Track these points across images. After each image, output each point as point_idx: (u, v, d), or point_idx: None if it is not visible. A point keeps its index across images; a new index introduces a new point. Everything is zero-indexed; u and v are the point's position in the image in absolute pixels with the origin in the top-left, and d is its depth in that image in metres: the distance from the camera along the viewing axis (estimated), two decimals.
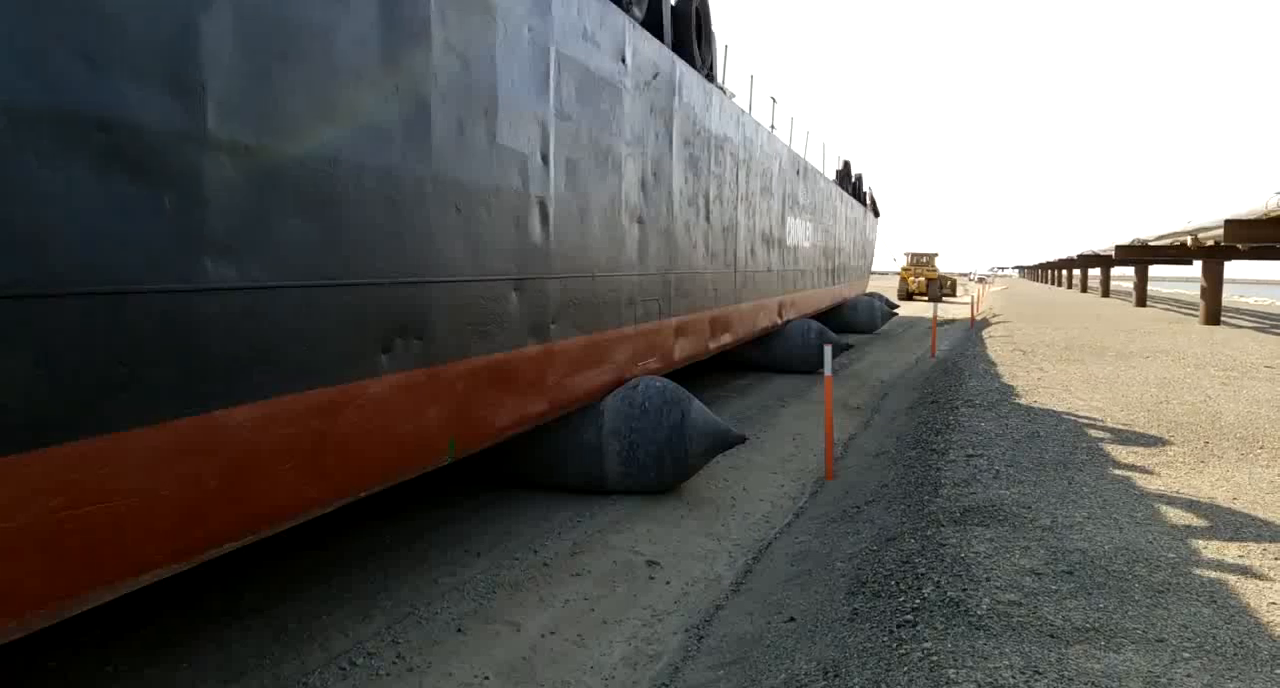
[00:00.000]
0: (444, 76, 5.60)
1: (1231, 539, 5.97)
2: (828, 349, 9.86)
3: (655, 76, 9.83)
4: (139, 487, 3.67)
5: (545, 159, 7.07)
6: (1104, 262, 45.84)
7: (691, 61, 11.55)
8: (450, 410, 5.87)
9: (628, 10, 9.13)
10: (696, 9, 12.00)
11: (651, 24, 10.19)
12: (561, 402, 7.61)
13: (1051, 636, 4.37)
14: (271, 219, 4.28)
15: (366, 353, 5.01)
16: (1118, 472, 7.76)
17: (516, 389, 6.81)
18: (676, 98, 10.63)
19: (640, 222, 9.42)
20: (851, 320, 27.09)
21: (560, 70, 7.31)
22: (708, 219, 12.24)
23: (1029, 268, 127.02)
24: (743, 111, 14.56)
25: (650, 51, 9.69)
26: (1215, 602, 4.86)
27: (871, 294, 32.80)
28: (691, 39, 11.75)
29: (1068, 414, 10.52)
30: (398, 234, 5.22)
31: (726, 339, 13.52)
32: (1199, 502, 6.88)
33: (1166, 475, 7.70)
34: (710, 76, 12.69)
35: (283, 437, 4.40)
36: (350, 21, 4.74)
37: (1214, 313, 26.46)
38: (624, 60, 8.84)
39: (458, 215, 5.82)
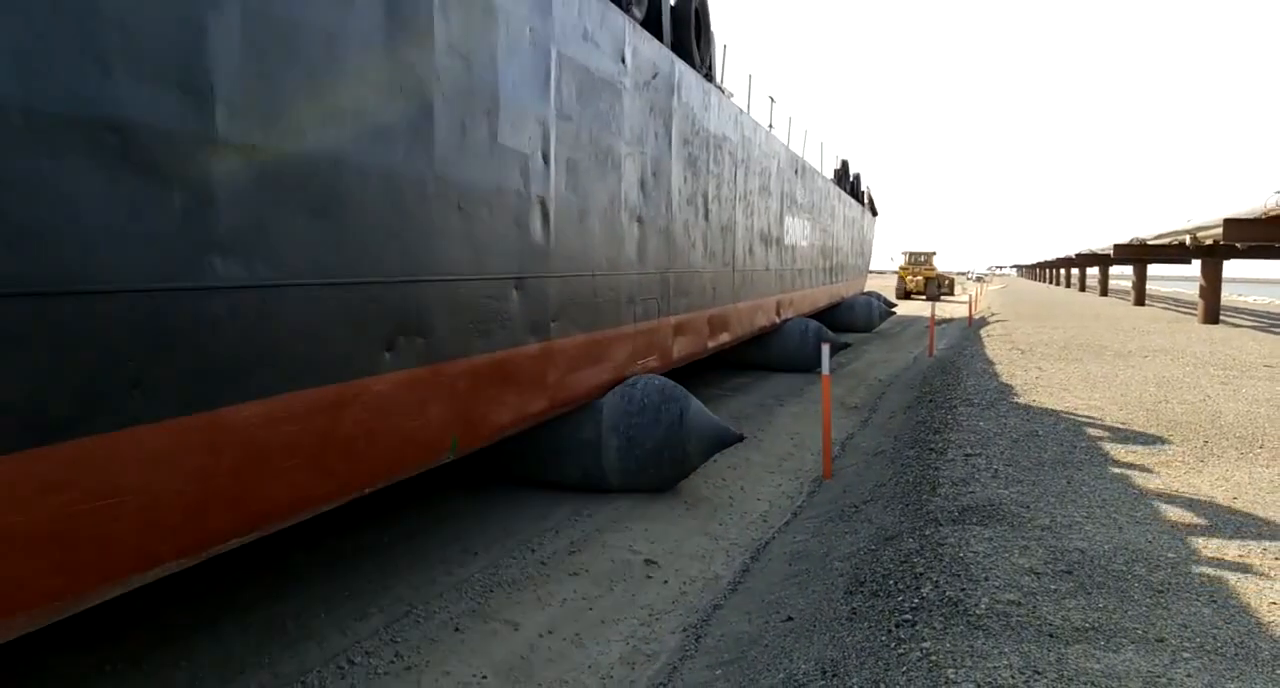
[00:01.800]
0: (447, 77, 5.63)
1: (1231, 539, 5.96)
2: (825, 348, 9.84)
3: (655, 76, 9.83)
4: (146, 484, 3.69)
5: (546, 159, 7.10)
6: (1102, 261, 45.85)
7: (690, 61, 11.54)
8: (452, 408, 5.89)
9: (627, 10, 9.14)
10: (696, 9, 12.00)
11: (651, 24, 10.19)
12: (562, 400, 7.62)
13: (1050, 635, 4.36)
14: (278, 219, 4.31)
15: (370, 351, 5.03)
16: (1117, 471, 7.75)
17: (517, 387, 6.82)
18: (675, 97, 10.64)
19: (640, 221, 9.43)
20: (849, 319, 27.06)
21: (561, 70, 7.33)
22: (706, 218, 12.24)
23: (1027, 267, 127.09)
24: (741, 111, 14.55)
25: (650, 51, 9.69)
26: (1215, 601, 4.84)
27: (869, 293, 32.80)
28: (690, 39, 11.74)
29: (1066, 413, 10.51)
30: (401, 233, 5.24)
31: (725, 338, 13.52)
32: (1198, 501, 6.87)
33: (1166, 475, 7.69)
34: (709, 76, 12.67)
35: (288, 434, 4.43)
36: (356, 23, 4.79)
37: (1213, 312, 26.46)
38: (624, 60, 8.86)
39: (460, 215, 5.85)
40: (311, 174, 4.52)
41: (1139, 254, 35.28)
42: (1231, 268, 29.18)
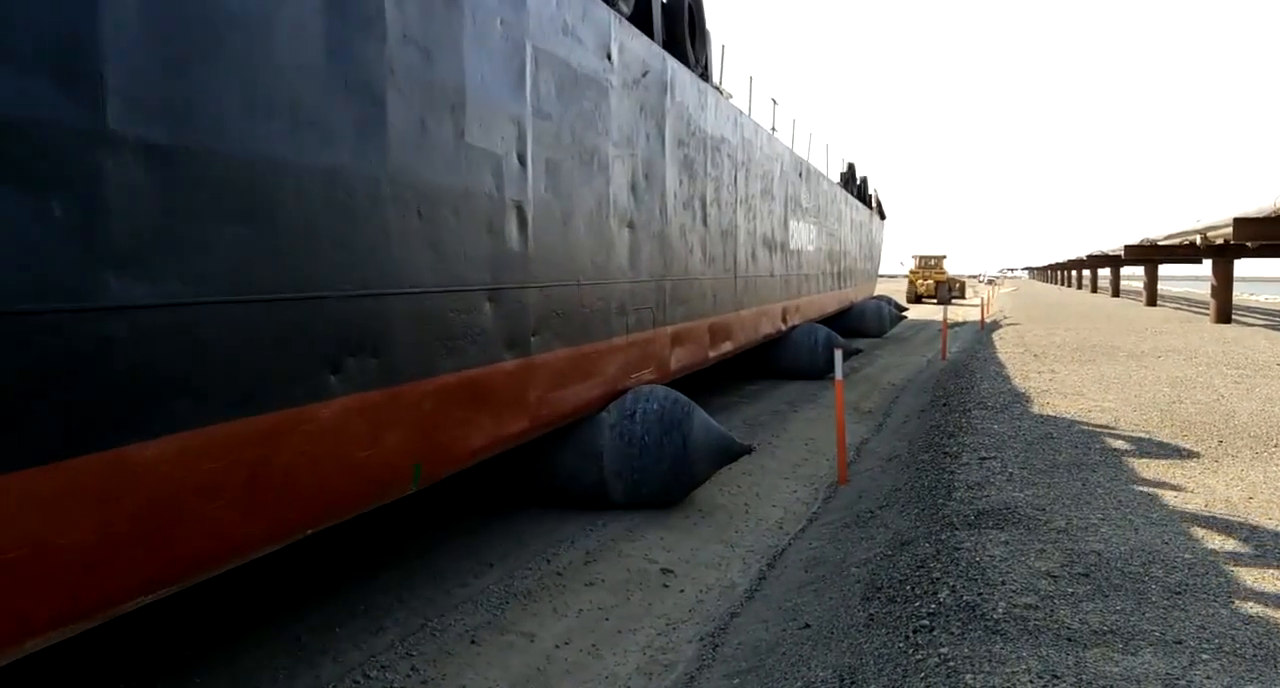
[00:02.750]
0: (401, 70, 5.17)
1: (1248, 539, 5.93)
2: (838, 353, 9.83)
3: (645, 75, 9.49)
4: (22, 539, 3.21)
5: (522, 160, 6.66)
6: (1113, 262, 45.70)
7: (684, 60, 11.26)
8: (414, 434, 5.42)
9: (613, 5, 8.74)
10: (689, 5, 11.70)
11: (640, 20, 9.83)
12: (546, 419, 7.18)
13: (1069, 639, 4.34)
14: (191, 229, 3.85)
15: (311, 374, 4.52)
16: (1132, 472, 7.72)
17: (493, 408, 6.35)
18: (668, 97, 10.34)
19: (631, 226, 9.06)
20: (860, 324, 27.03)
21: (538, 66, 6.92)
22: (705, 223, 11.93)
23: (1038, 269, 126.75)
24: (741, 112, 14.38)
25: (639, 48, 9.36)
26: (1233, 603, 4.82)
27: (879, 297, 32.75)
28: (684, 36, 11.45)
29: (1080, 415, 10.47)
30: (348, 241, 4.76)
31: (727, 347, 13.18)
32: (1214, 502, 6.84)
33: (1181, 475, 7.65)
34: (705, 76, 12.43)
35: (209, 473, 3.95)
36: (288, 6, 4.35)
37: (1224, 311, 26.35)
38: (610, 57, 8.49)
39: (420, 220, 5.36)
40: (234, 176, 4.05)
41: (1150, 255, 35.21)
42: (1242, 267, 29.06)
